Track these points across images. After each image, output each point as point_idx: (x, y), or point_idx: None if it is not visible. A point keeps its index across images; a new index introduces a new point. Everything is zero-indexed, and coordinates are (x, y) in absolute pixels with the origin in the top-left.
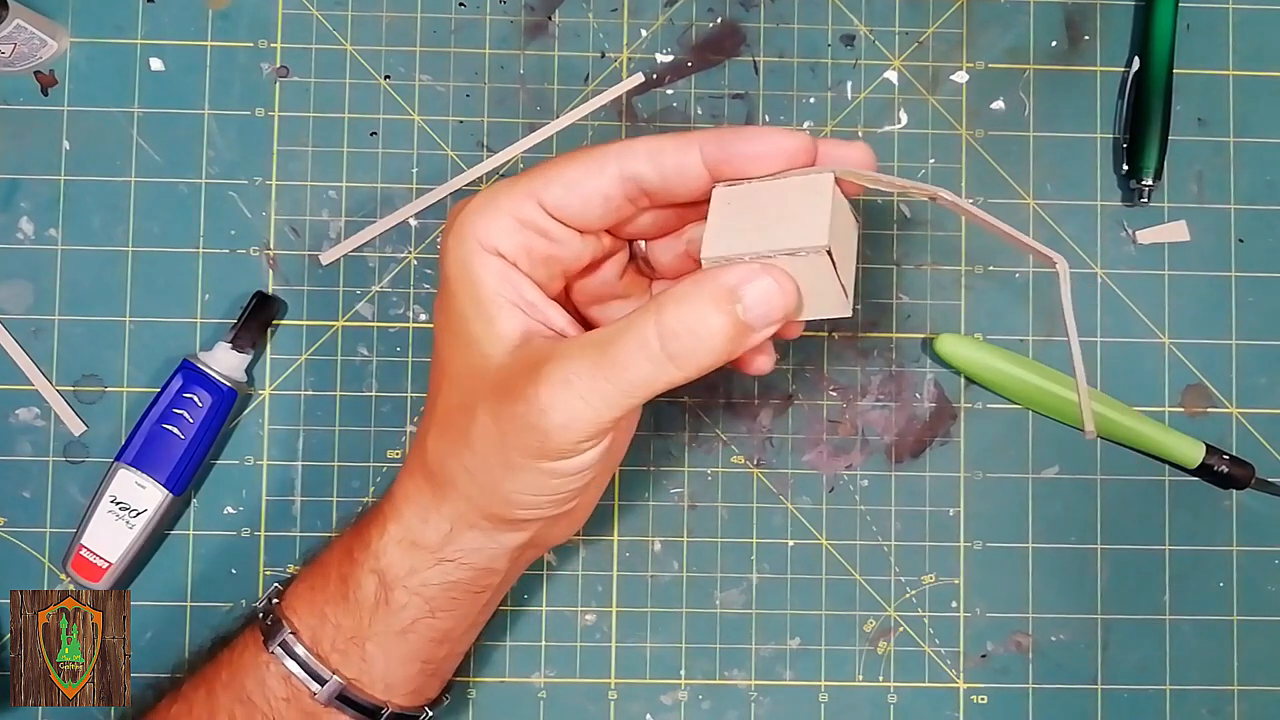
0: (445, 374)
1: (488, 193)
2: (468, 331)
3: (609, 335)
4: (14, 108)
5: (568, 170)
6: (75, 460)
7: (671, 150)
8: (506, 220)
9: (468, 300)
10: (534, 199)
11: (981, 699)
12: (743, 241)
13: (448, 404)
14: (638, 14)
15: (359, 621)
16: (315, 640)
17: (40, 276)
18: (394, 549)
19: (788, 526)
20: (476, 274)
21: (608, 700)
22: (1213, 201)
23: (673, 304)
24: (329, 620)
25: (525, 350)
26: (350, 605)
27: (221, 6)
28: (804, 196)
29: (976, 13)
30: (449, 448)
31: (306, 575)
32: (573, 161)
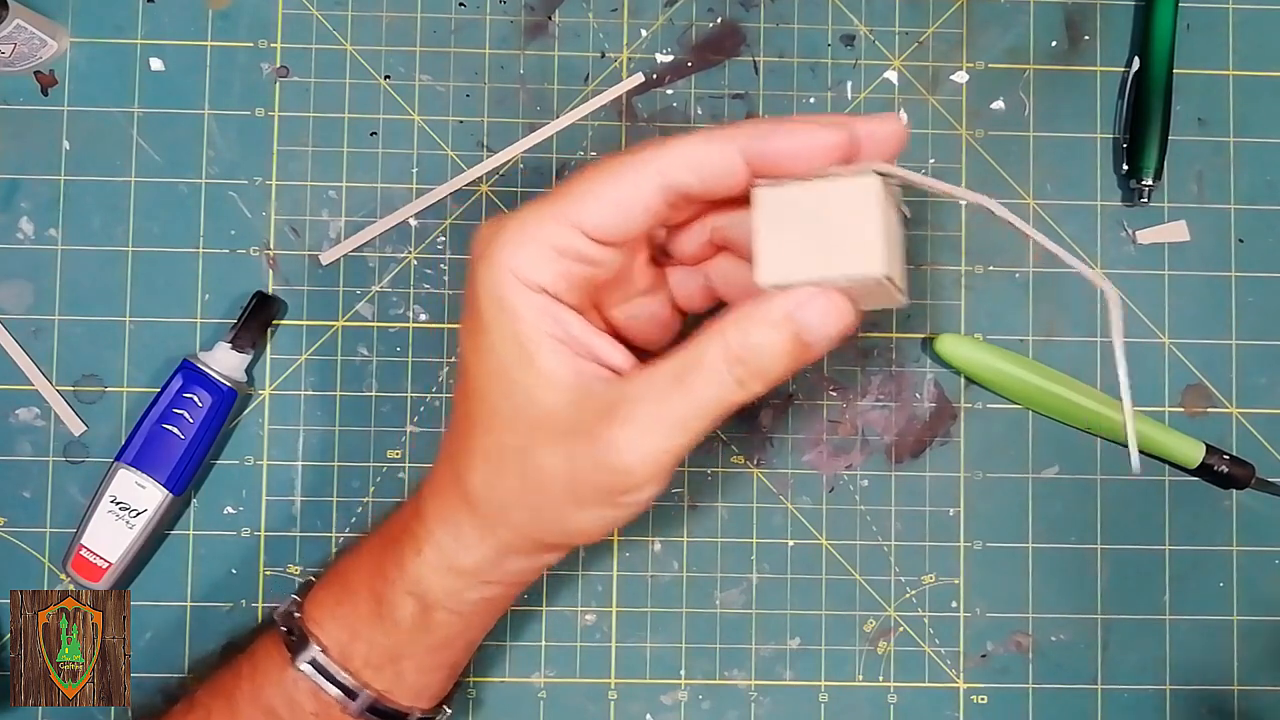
0: (488, 411)
1: (520, 220)
2: (510, 372)
3: (677, 370)
4: (14, 108)
5: (606, 190)
6: (75, 460)
7: (714, 156)
8: (545, 251)
9: (508, 340)
10: (573, 225)
11: (981, 699)
12: (798, 266)
13: (499, 445)
14: (638, 14)
15: (396, 641)
16: (345, 656)
17: (40, 276)
18: (433, 575)
19: (788, 526)
20: (517, 313)
21: (608, 700)
22: (1213, 201)
23: (737, 331)
24: (361, 637)
25: (586, 394)
26: (386, 625)
27: (221, 6)
28: (851, 205)
29: (976, 13)
30: (505, 487)
31: (329, 588)
32: (610, 179)
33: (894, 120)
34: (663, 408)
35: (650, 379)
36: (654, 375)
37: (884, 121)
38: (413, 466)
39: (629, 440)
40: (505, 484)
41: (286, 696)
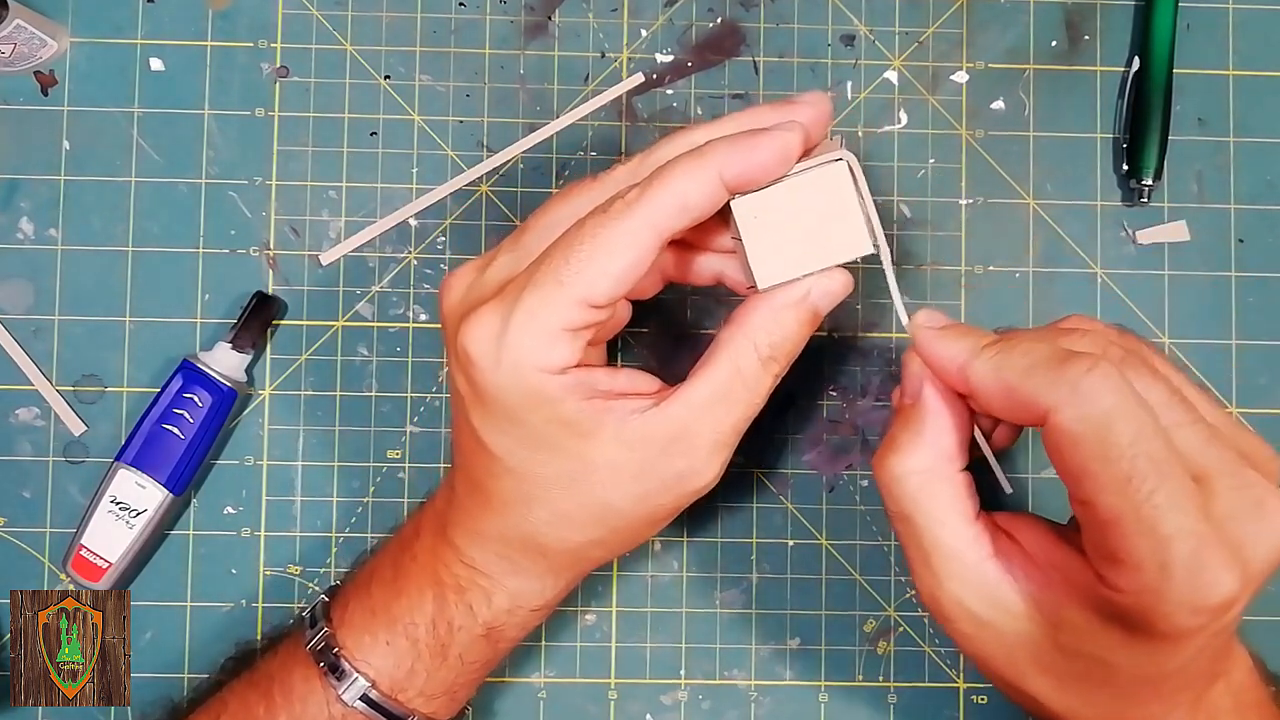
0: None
1: (526, 310)
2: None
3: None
4: (14, 108)
5: (605, 259)
6: (75, 460)
7: (697, 195)
8: (560, 335)
9: (552, 424)
10: (581, 301)
11: (982, 699)
12: (795, 262)
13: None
14: (638, 14)
15: (459, 674)
16: (396, 688)
17: (40, 276)
18: (507, 616)
19: (788, 526)
20: (553, 399)
21: (608, 700)
22: (1213, 201)
23: (765, 333)
24: (418, 674)
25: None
26: (452, 662)
27: (221, 6)
28: (827, 193)
29: (976, 13)
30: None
31: (371, 623)
32: (606, 247)
33: (824, 101)
34: (722, 428)
35: (703, 405)
36: (704, 398)
37: (818, 104)
38: (413, 466)
39: (704, 465)
40: (582, 534)
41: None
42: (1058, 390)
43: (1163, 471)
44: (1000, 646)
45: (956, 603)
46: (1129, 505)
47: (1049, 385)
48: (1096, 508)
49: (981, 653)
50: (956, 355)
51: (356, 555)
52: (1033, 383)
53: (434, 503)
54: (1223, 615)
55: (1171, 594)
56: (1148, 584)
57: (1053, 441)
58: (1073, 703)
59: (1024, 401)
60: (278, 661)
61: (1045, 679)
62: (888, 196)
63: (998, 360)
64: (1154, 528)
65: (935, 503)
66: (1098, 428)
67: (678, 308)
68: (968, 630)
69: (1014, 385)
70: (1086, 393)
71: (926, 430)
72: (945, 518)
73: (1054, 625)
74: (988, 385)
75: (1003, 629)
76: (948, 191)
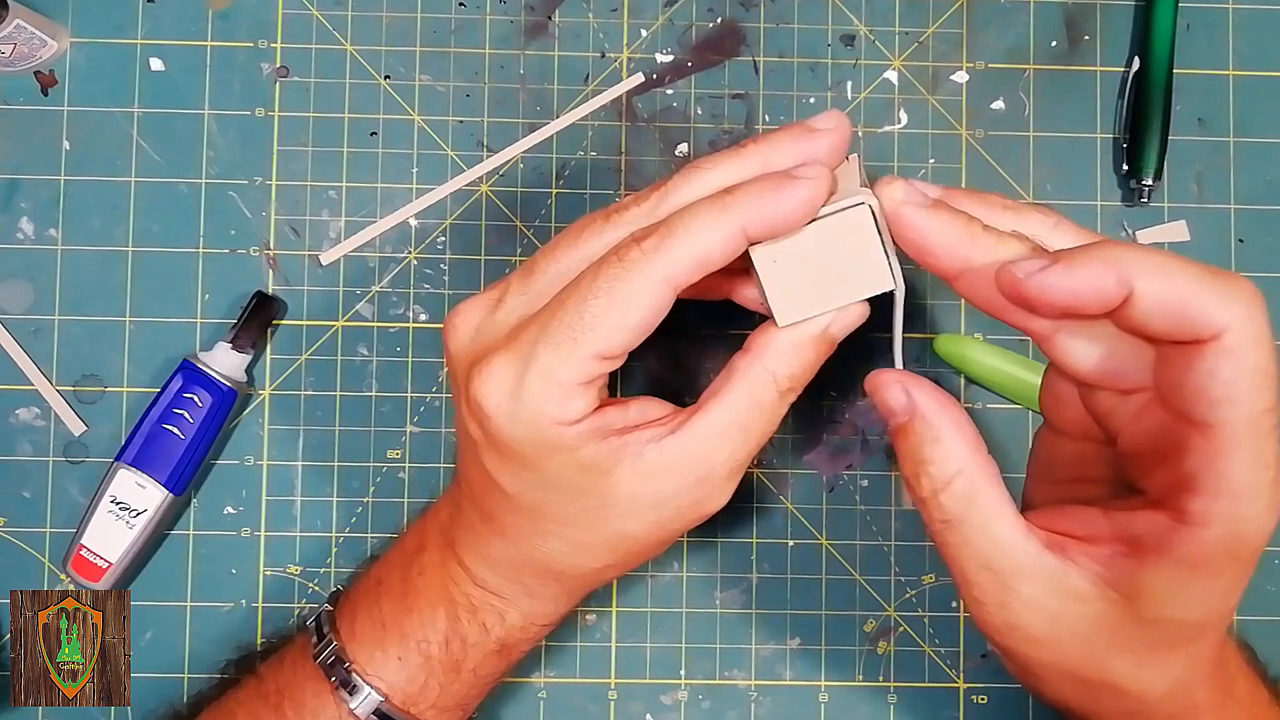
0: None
1: (542, 368)
2: (580, 486)
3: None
4: (14, 108)
5: (620, 315)
6: (75, 460)
7: (719, 250)
8: (576, 389)
9: (570, 469)
10: (596, 355)
11: (982, 699)
12: (814, 300)
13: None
14: (638, 14)
15: (473, 687)
16: (409, 702)
17: (40, 276)
18: (519, 633)
19: (788, 526)
20: (572, 449)
21: (608, 700)
22: (1213, 201)
23: (784, 365)
24: (431, 689)
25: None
26: (466, 677)
27: (221, 6)
28: (849, 238)
29: (976, 13)
30: (597, 561)
31: (382, 638)
32: (623, 302)
33: (843, 125)
34: (738, 456)
35: (719, 433)
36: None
37: (838, 130)
38: (413, 466)
39: (720, 491)
40: (598, 560)
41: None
42: (1235, 307)
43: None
44: (1076, 639)
45: (1027, 604)
46: (1256, 435)
47: (1229, 300)
48: (1221, 434)
49: (1055, 655)
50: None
51: (357, 556)
52: (1213, 296)
53: (438, 515)
54: None
55: (1260, 515)
56: (1243, 510)
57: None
58: (1151, 675)
59: (1199, 312)
60: (285, 673)
61: (1125, 659)
62: None
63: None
64: (1266, 457)
65: (985, 498)
66: (1265, 354)
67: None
68: (1040, 632)
69: (1191, 296)
70: (1260, 315)
71: (945, 430)
72: (999, 511)
73: (1131, 597)
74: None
75: (1077, 618)
76: None
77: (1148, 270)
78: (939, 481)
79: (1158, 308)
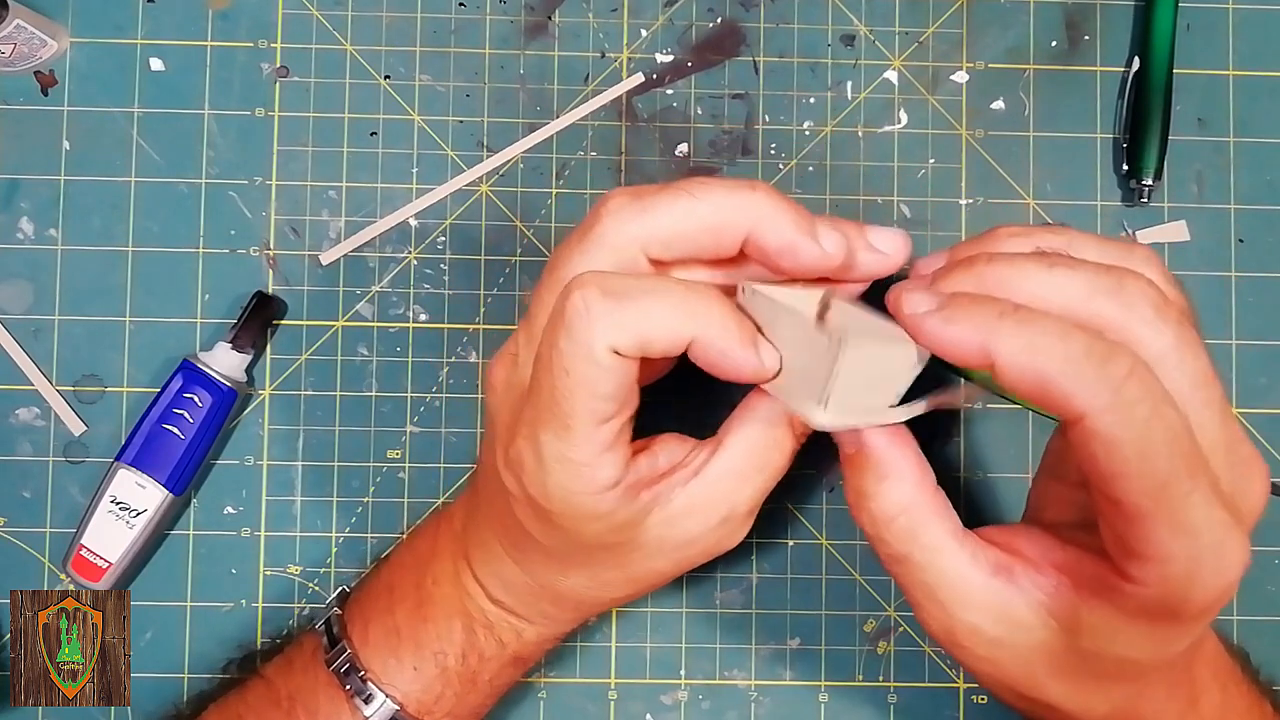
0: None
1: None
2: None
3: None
4: (14, 108)
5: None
6: (75, 460)
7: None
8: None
9: (601, 534)
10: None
11: (982, 699)
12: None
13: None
14: (638, 14)
15: (489, 697)
16: (424, 711)
17: (40, 276)
18: (535, 646)
19: (788, 526)
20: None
21: (608, 700)
22: (1213, 201)
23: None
24: (447, 699)
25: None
26: (482, 688)
27: (221, 6)
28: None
29: (976, 13)
30: (612, 591)
31: (398, 649)
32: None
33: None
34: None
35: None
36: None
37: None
38: (413, 466)
39: (741, 528)
40: (620, 592)
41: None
42: (1098, 394)
43: (1195, 473)
44: (1016, 662)
45: (970, 629)
46: (1163, 507)
47: (1090, 385)
48: (1126, 507)
49: (997, 673)
50: (974, 335)
51: (357, 556)
52: (1072, 382)
53: (451, 522)
54: (1234, 588)
55: (1200, 580)
56: (1177, 574)
57: (1082, 441)
58: (1089, 701)
59: (1057, 396)
60: (296, 678)
61: (1063, 684)
62: (888, 196)
63: (1030, 342)
64: (1186, 525)
65: (929, 533)
66: (1137, 435)
67: None
68: (983, 653)
69: (1048, 378)
70: (1128, 398)
71: (889, 466)
72: (942, 544)
73: (1071, 630)
74: (1016, 369)
75: (1017, 644)
76: (948, 191)
77: (1012, 345)
78: (881, 517)
79: (1019, 382)
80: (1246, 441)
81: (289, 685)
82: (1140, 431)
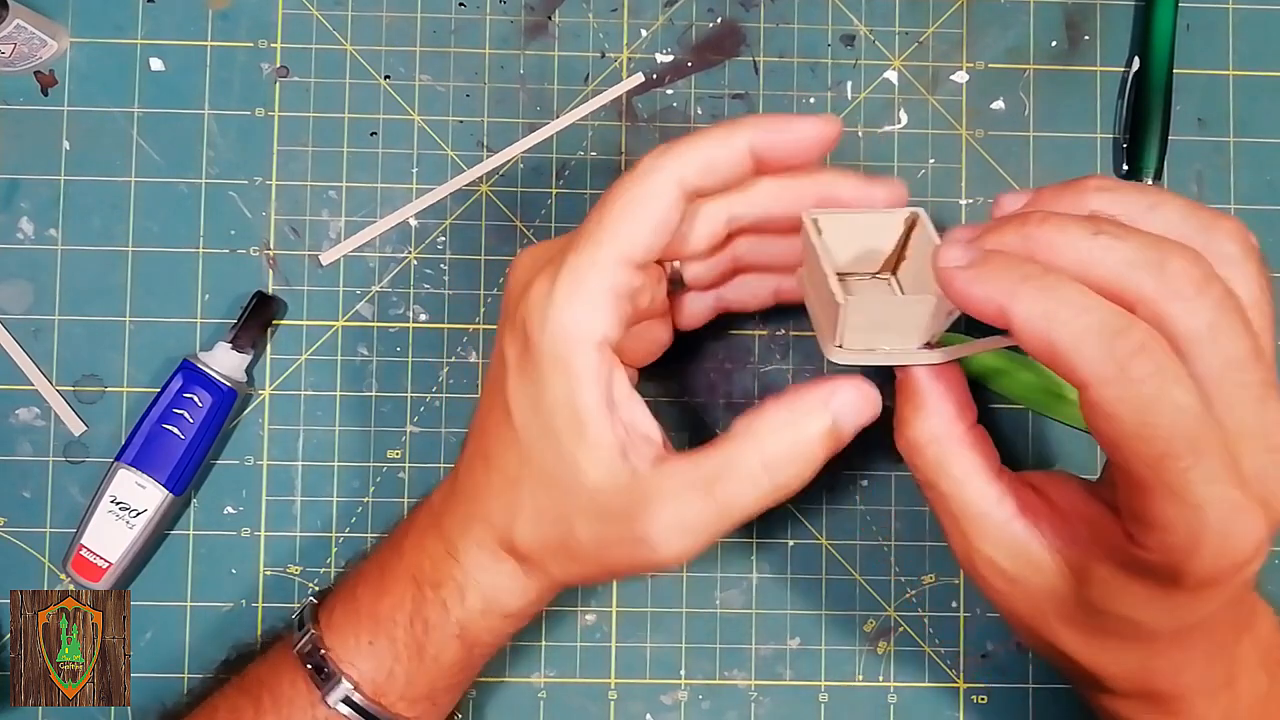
0: (537, 472)
1: (573, 272)
2: (563, 439)
3: (713, 472)
4: (14, 108)
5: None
6: (75, 460)
7: (726, 159)
8: (605, 298)
9: (563, 405)
10: (622, 259)
11: (982, 699)
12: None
13: (549, 506)
14: (638, 14)
15: (436, 677)
16: (379, 692)
17: (40, 276)
18: (480, 620)
19: (788, 526)
20: (579, 376)
21: (608, 700)
22: (1213, 201)
23: (771, 434)
24: (398, 677)
25: (625, 480)
26: (428, 664)
27: (221, 6)
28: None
29: (976, 13)
30: (552, 544)
31: (356, 624)
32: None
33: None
34: (693, 513)
35: (685, 479)
36: (689, 475)
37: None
38: (413, 466)
39: (663, 540)
40: (552, 541)
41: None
42: (1102, 367)
43: (1199, 450)
44: (1029, 602)
45: (988, 562)
46: (1162, 478)
47: (1095, 360)
48: (1128, 473)
49: (1010, 607)
50: (995, 295)
51: (357, 556)
52: (1079, 353)
53: (430, 501)
54: (1248, 567)
55: (1201, 554)
56: (1178, 545)
57: (1088, 408)
58: (1100, 657)
59: (1064, 363)
60: (267, 665)
61: (1073, 634)
62: None
63: (1046, 310)
64: (1186, 498)
65: (955, 467)
66: (1136, 410)
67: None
68: (1000, 587)
69: (1059, 347)
70: (1132, 374)
71: (925, 401)
72: (967, 479)
73: (1081, 581)
74: (1029, 333)
75: (1031, 585)
76: (948, 191)
77: (1029, 309)
78: (913, 444)
79: (1030, 345)
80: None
81: (259, 672)
82: (1140, 407)
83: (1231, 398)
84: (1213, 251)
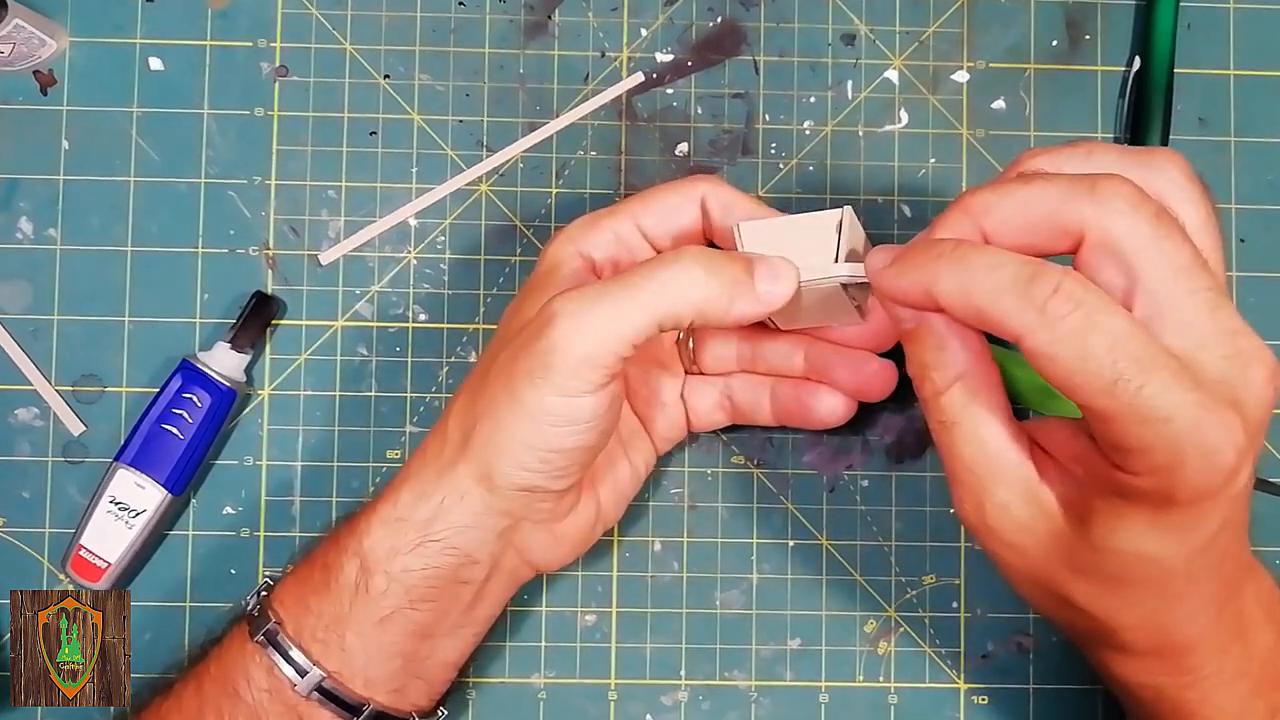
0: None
1: (594, 214)
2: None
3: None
4: (13, 108)
5: (658, 200)
6: (75, 460)
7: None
8: (606, 234)
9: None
10: (632, 221)
11: (982, 699)
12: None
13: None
14: (638, 13)
15: (339, 608)
16: (298, 631)
17: (39, 276)
18: (379, 528)
19: (788, 526)
20: (562, 269)
21: (608, 701)
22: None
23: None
24: (311, 610)
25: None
26: (331, 592)
27: (221, 6)
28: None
29: (977, 12)
30: (467, 398)
31: (296, 568)
32: (659, 193)
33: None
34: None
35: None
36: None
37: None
38: None
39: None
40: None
41: (246, 674)
42: (1025, 316)
43: (1146, 366)
44: (1040, 551)
45: (1001, 507)
46: (1120, 403)
47: (1017, 311)
48: (1094, 410)
49: (1022, 563)
50: (919, 282)
51: None
52: (1000, 309)
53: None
54: (1237, 472)
55: (1186, 463)
56: (1160, 463)
57: (1032, 360)
58: (1113, 604)
59: (993, 324)
60: (220, 646)
61: (1085, 583)
62: (888, 196)
63: (962, 279)
64: (1151, 415)
65: (980, 403)
66: (1070, 347)
67: None
68: (1010, 539)
69: (983, 310)
70: (1054, 315)
71: (948, 338)
72: (990, 416)
73: (1085, 521)
74: (957, 307)
75: (1041, 531)
76: (948, 191)
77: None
78: (940, 385)
79: (962, 318)
80: (1247, 333)
81: (216, 650)
82: (1073, 343)
83: (1184, 307)
84: (1155, 184)
